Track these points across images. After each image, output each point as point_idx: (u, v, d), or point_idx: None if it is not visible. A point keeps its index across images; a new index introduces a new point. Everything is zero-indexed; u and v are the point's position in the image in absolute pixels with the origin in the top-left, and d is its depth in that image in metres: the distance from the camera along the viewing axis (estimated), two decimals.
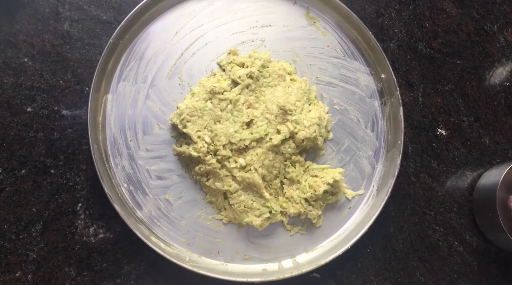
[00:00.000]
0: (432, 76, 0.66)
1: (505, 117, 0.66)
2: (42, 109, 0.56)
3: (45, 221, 0.54)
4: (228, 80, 0.59)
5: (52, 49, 0.58)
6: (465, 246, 0.62)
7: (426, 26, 0.67)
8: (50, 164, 0.55)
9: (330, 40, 0.64)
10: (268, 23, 0.63)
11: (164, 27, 0.60)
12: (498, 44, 0.68)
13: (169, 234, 0.56)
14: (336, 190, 0.59)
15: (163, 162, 0.57)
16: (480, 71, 0.67)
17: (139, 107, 0.58)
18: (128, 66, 0.58)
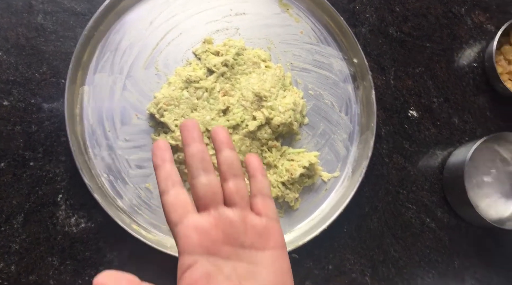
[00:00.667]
0: (403, 60, 0.67)
1: (473, 98, 0.68)
2: (18, 102, 0.56)
3: (26, 212, 0.54)
4: (203, 69, 0.60)
5: (26, 43, 0.58)
6: (437, 222, 0.64)
7: (396, 10, 0.68)
8: (29, 157, 0.56)
9: (303, 26, 0.65)
10: (242, 11, 0.64)
11: (139, 17, 0.61)
12: (465, 26, 0.70)
13: (150, 221, 0.57)
14: (312, 172, 0.61)
15: (142, 151, 0.58)
16: (449, 53, 0.69)
17: (116, 98, 0.58)
18: (104, 58, 0.59)
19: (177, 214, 0.38)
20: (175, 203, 0.38)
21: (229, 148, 0.41)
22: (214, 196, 0.39)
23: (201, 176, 0.39)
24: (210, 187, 0.39)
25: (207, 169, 0.39)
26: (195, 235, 0.37)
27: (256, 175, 0.43)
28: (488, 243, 0.66)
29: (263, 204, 0.41)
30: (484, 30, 0.70)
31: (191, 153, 0.40)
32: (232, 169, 0.41)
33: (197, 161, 0.39)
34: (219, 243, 0.37)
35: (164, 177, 0.39)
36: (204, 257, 0.37)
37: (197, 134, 0.41)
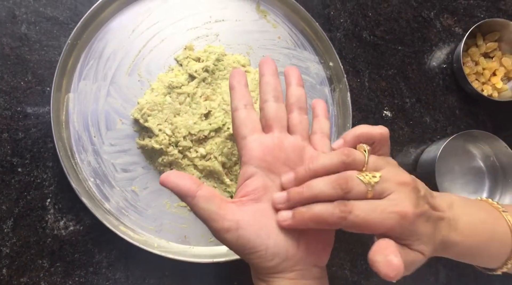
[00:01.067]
0: (376, 62, 0.71)
1: (443, 97, 0.72)
2: (5, 110, 0.58)
3: (15, 217, 0.56)
4: (185, 75, 0.62)
5: (11, 52, 0.59)
6: None
7: (369, 15, 0.71)
8: (17, 163, 0.57)
9: (281, 32, 0.68)
10: (221, 18, 0.66)
11: (121, 25, 0.63)
12: (435, 30, 0.73)
13: (137, 222, 0.59)
14: None
15: (127, 155, 0.60)
16: (420, 55, 0.72)
17: (101, 104, 0.60)
18: (88, 65, 0.61)
19: (247, 128, 0.42)
20: (247, 118, 0.43)
21: (299, 84, 0.46)
22: (280, 120, 0.43)
23: (272, 101, 0.44)
24: (278, 111, 0.43)
25: (278, 97, 0.44)
26: (259, 149, 0.41)
27: (320, 116, 0.47)
28: None
29: (321, 140, 0.44)
30: (453, 33, 0.73)
31: (267, 81, 0.45)
32: (299, 102, 0.45)
33: (270, 88, 0.44)
34: (279, 162, 0.41)
35: (239, 96, 0.44)
36: (264, 171, 0.41)
37: (275, 69, 0.46)
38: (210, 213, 0.38)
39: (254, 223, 0.38)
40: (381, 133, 0.43)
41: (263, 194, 0.40)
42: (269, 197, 0.40)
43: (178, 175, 0.39)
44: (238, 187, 0.41)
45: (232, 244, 0.39)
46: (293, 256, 0.39)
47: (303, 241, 0.40)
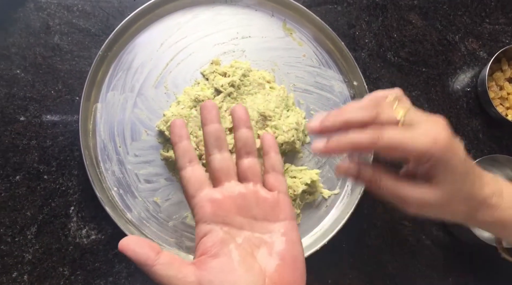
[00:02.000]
0: (400, 83, 0.71)
1: (467, 121, 0.71)
2: (34, 118, 0.59)
3: (39, 224, 0.57)
4: (211, 89, 0.63)
5: (43, 61, 0.61)
6: (432, 239, 0.67)
7: (394, 36, 0.72)
8: (43, 170, 0.58)
9: (306, 50, 0.69)
10: (248, 35, 0.67)
11: (150, 39, 0.64)
12: (459, 53, 0.73)
13: (157, 234, 0.59)
14: (314, 189, 0.63)
15: (151, 166, 0.61)
16: (444, 78, 0.72)
17: (127, 115, 0.61)
18: (116, 77, 0.62)
19: (194, 187, 0.42)
20: (192, 177, 0.42)
21: (245, 126, 0.45)
22: (228, 171, 0.43)
23: (216, 153, 0.43)
24: (224, 162, 0.43)
25: (222, 147, 0.44)
26: (210, 206, 0.41)
27: (270, 152, 0.46)
28: (481, 261, 0.68)
29: (275, 179, 0.44)
30: (477, 57, 0.74)
31: (208, 131, 0.44)
32: (247, 147, 0.44)
33: (213, 139, 0.44)
34: (232, 214, 0.41)
35: (182, 153, 0.43)
36: (218, 226, 0.40)
37: (215, 114, 0.44)
38: (170, 279, 0.38)
39: (215, 279, 0.38)
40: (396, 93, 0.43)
41: (221, 248, 0.39)
42: (227, 249, 0.39)
43: (137, 242, 0.39)
44: (196, 245, 0.41)
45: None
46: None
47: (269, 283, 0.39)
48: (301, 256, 0.42)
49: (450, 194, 0.42)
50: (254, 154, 0.45)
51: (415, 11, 0.73)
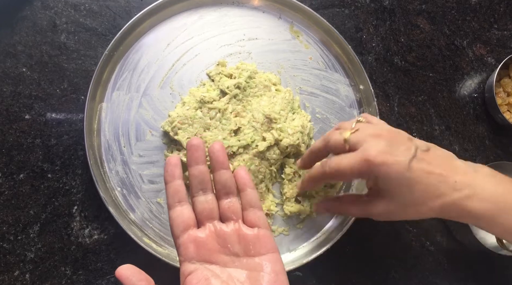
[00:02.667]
0: (406, 88, 0.70)
1: (473, 126, 0.71)
2: (39, 116, 0.59)
3: (42, 223, 0.57)
4: (217, 90, 0.62)
5: (49, 60, 0.61)
6: (436, 245, 0.67)
7: (401, 41, 0.71)
8: (47, 169, 0.58)
9: (313, 53, 0.68)
10: (255, 37, 0.67)
11: (157, 39, 0.64)
12: (467, 58, 0.73)
13: (160, 235, 0.59)
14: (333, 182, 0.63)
15: (155, 167, 0.61)
16: (451, 83, 0.72)
17: (132, 115, 0.61)
18: (122, 76, 0.62)
19: (179, 228, 0.44)
20: (178, 218, 0.44)
21: (223, 168, 0.46)
22: (210, 213, 0.45)
23: (200, 195, 0.46)
24: (206, 204, 0.45)
25: (206, 189, 0.46)
26: (193, 246, 0.43)
27: (245, 189, 0.47)
28: (485, 268, 0.68)
29: (253, 216, 0.46)
30: (485, 62, 0.73)
31: (193, 173, 0.46)
32: (226, 188, 0.46)
33: (197, 182, 0.46)
34: (216, 253, 0.43)
35: (172, 193, 0.45)
36: (203, 265, 0.42)
37: (201, 155, 0.46)
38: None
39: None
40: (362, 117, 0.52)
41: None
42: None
43: (134, 273, 0.40)
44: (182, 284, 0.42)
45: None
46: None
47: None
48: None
49: (401, 203, 0.47)
50: (233, 194, 0.46)
51: (423, 15, 0.73)
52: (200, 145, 0.46)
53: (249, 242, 0.44)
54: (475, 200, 0.45)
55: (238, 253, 0.44)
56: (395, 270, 0.65)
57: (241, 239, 0.44)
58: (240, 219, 0.46)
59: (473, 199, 0.45)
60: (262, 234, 0.45)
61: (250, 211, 0.46)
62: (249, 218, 0.46)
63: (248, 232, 0.45)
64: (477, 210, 0.45)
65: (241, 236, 0.44)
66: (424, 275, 0.65)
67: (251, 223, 0.46)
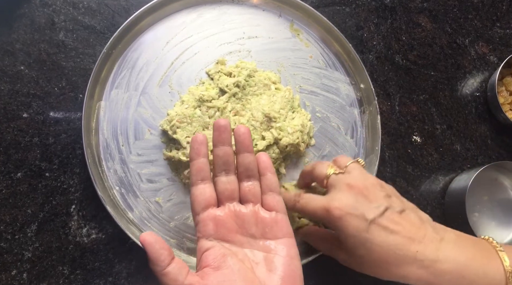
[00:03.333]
0: (408, 87, 0.70)
1: (475, 126, 0.70)
2: (37, 115, 0.59)
3: (40, 222, 0.56)
4: (216, 89, 0.62)
5: (47, 58, 0.60)
6: None
7: (403, 39, 0.71)
8: (45, 168, 0.58)
9: (313, 51, 0.68)
10: (255, 35, 0.67)
11: (156, 37, 0.63)
12: (469, 57, 0.72)
13: (159, 234, 0.58)
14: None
15: (153, 166, 0.60)
16: (453, 82, 0.71)
17: (131, 113, 0.61)
18: (121, 75, 0.61)
19: (200, 205, 0.45)
20: (200, 195, 0.45)
21: (248, 151, 0.47)
22: (231, 193, 0.46)
23: (223, 175, 0.47)
24: (228, 185, 0.47)
25: (229, 170, 0.47)
26: (212, 224, 0.44)
27: (266, 173, 0.48)
28: None
29: (272, 200, 0.47)
30: (487, 61, 0.72)
31: (218, 154, 0.47)
32: (248, 171, 0.47)
33: (221, 162, 0.47)
34: (233, 233, 0.45)
35: (196, 170, 0.46)
36: (220, 243, 0.44)
37: (227, 137, 0.47)
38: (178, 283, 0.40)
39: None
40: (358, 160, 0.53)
41: (223, 262, 0.42)
42: (228, 263, 0.42)
43: (158, 241, 0.41)
44: (198, 260, 0.44)
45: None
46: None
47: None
48: (299, 271, 0.45)
49: (358, 261, 0.48)
50: (255, 177, 0.48)
51: (424, 13, 0.72)
52: (227, 126, 0.47)
53: (267, 225, 0.46)
54: (433, 272, 0.45)
55: (255, 235, 0.45)
56: None
57: (259, 222, 0.46)
58: (259, 202, 0.47)
59: (431, 270, 0.45)
60: (280, 218, 0.46)
61: (269, 195, 0.47)
62: (268, 201, 0.47)
63: (266, 215, 0.46)
64: (436, 281, 0.45)
65: (259, 219, 0.46)
66: None
67: (270, 207, 0.47)
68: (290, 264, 0.44)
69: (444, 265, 0.45)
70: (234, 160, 0.47)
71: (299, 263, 0.45)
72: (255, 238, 0.45)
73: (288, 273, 0.43)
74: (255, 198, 0.47)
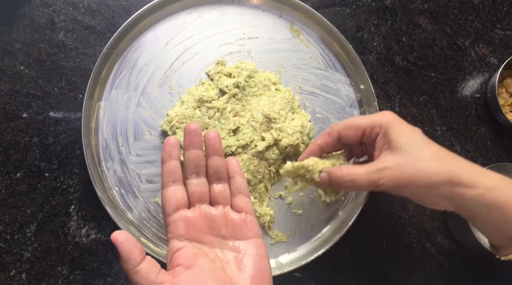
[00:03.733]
0: (408, 88, 0.70)
1: (475, 127, 0.70)
2: (37, 115, 0.59)
3: (39, 222, 0.56)
4: (216, 89, 0.62)
5: (47, 58, 0.60)
6: (437, 247, 0.66)
7: (403, 40, 0.71)
8: (44, 168, 0.58)
9: (313, 52, 0.68)
10: (255, 35, 0.66)
11: (156, 37, 0.63)
12: (469, 58, 0.72)
13: (158, 235, 0.58)
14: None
15: (153, 166, 0.60)
16: (453, 83, 0.71)
17: (131, 114, 0.61)
18: (121, 75, 0.61)
19: (171, 207, 0.45)
20: (171, 197, 0.46)
21: (217, 154, 0.48)
22: (202, 196, 0.47)
23: (194, 178, 0.47)
24: (199, 187, 0.47)
25: (199, 173, 0.48)
26: (183, 225, 0.45)
27: (235, 176, 0.49)
28: (486, 269, 0.67)
29: (241, 202, 0.48)
30: (487, 62, 0.72)
31: (189, 157, 0.48)
32: (218, 174, 0.48)
33: (192, 165, 0.47)
34: (204, 234, 0.45)
35: (168, 172, 0.46)
36: (191, 243, 0.44)
37: (198, 140, 0.48)
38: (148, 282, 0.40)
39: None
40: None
41: (194, 261, 0.42)
42: (199, 262, 0.42)
43: (129, 239, 0.41)
44: (169, 260, 0.44)
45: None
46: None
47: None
48: (268, 271, 0.45)
49: (412, 156, 0.46)
50: (224, 180, 0.49)
51: (425, 15, 0.72)
52: (198, 130, 0.47)
53: (236, 226, 0.47)
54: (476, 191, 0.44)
55: (225, 236, 0.46)
56: (395, 273, 0.64)
57: (229, 223, 0.47)
58: (228, 204, 0.48)
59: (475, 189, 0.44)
60: (249, 220, 0.47)
61: (238, 197, 0.48)
62: (237, 203, 0.48)
63: (236, 217, 0.47)
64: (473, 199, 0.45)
65: (229, 220, 0.47)
66: (425, 277, 0.65)
67: (239, 209, 0.48)
68: (259, 263, 0.45)
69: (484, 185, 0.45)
70: (204, 163, 0.48)
71: (268, 263, 0.46)
72: (225, 238, 0.46)
73: (258, 272, 0.44)
74: (225, 200, 0.48)
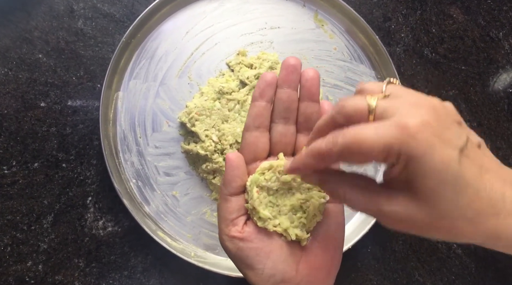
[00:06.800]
0: (436, 81, 0.67)
1: (507, 123, 0.67)
2: (55, 104, 0.58)
3: (56, 213, 0.55)
4: (236, 81, 0.60)
5: (66, 46, 0.59)
6: (464, 248, 0.63)
7: (433, 31, 0.68)
8: (61, 158, 0.57)
9: (337, 43, 0.65)
10: (277, 25, 0.64)
11: (175, 27, 0.62)
12: (503, 51, 0.69)
13: (175, 229, 0.57)
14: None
15: (171, 159, 0.59)
16: (484, 77, 0.68)
17: (149, 104, 0.59)
18: (139, 65, 0.60)
19: (250, 156, 0.40)
20: (252, 145, 0.40)
21: (312, 100, 0.40)
22: (286, 147, 0.40)
23: (281, 124, 0.40)
24: (285, 138, 0.40)
25: (289, 119, 0.40)
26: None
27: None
28: None
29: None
30: None
31: (281, 97, 0.39)
32: (308, 122, 0.40)
33: (282, 107, 0.39)
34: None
35: (255, 114, 0.40)
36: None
37: (295, 79, 0.39)
38: (227, 215, 0.38)
39: (257, 241, 0.38)
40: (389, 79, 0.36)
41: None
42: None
43: (240, 167, 0.38)
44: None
45: (231, 253, 0.38)
46: (290, 279, 0.37)
47: (303, 265, 0.38)
48: (342, 238, 0.41)
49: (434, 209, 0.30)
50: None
51: (456, 4, 0.68)
52: (297, 66, 0.39)
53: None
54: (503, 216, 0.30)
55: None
56: (419, 273, 0.62)
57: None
58: None
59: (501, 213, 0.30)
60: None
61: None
62: None
63: None
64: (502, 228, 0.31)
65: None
66: (450, 279, 0.62)
67: None
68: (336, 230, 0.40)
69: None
70: (296, 107, 0.40)
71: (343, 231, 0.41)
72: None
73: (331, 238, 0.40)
74: None
